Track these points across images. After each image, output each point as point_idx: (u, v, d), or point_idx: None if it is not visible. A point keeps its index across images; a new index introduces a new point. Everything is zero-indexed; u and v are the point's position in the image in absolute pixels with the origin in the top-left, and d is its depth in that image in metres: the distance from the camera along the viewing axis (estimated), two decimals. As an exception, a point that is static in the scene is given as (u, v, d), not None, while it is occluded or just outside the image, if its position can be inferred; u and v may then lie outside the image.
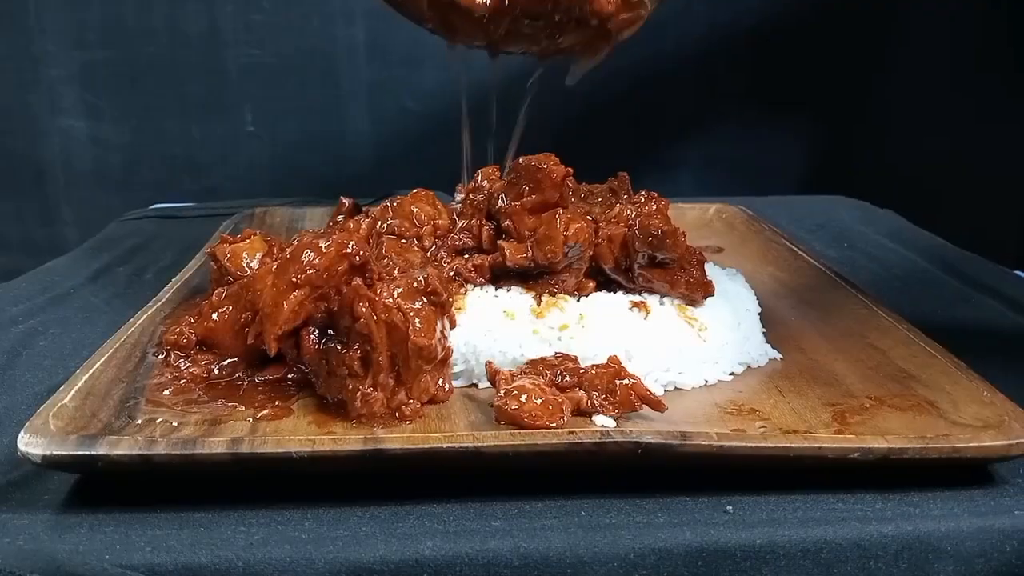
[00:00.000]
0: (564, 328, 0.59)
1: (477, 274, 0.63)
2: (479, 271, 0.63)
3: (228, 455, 0.46)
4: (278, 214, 1.00)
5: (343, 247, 0.55)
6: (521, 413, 0.51)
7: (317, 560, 0.43)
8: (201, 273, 0.75)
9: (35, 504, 0.47)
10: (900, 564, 0.45)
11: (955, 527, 0.46)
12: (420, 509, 0.47)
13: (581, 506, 0.47)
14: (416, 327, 0.53)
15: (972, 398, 0.54)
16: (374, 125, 1.33)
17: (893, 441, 0.49)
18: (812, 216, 1.07)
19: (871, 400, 0.56)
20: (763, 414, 0.55)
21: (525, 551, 0.44)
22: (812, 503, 0.48)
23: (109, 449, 0.46)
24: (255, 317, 0.58)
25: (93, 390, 0.53)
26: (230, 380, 0.58)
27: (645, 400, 0.53)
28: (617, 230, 0.62)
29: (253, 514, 0.46)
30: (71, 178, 1.30)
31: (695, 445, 0.48)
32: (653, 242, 0.61)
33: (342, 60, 1.30)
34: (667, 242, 0.61)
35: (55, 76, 1.26)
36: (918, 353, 0.61)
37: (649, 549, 0.44)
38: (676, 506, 0.47)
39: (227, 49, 1.28)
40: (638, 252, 0.61)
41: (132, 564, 0.42)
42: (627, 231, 0.62)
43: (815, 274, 0.78)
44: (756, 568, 0.44)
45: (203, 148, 1.31)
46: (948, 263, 0.91)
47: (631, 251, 0.62)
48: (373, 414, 0.53)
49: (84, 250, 0.96)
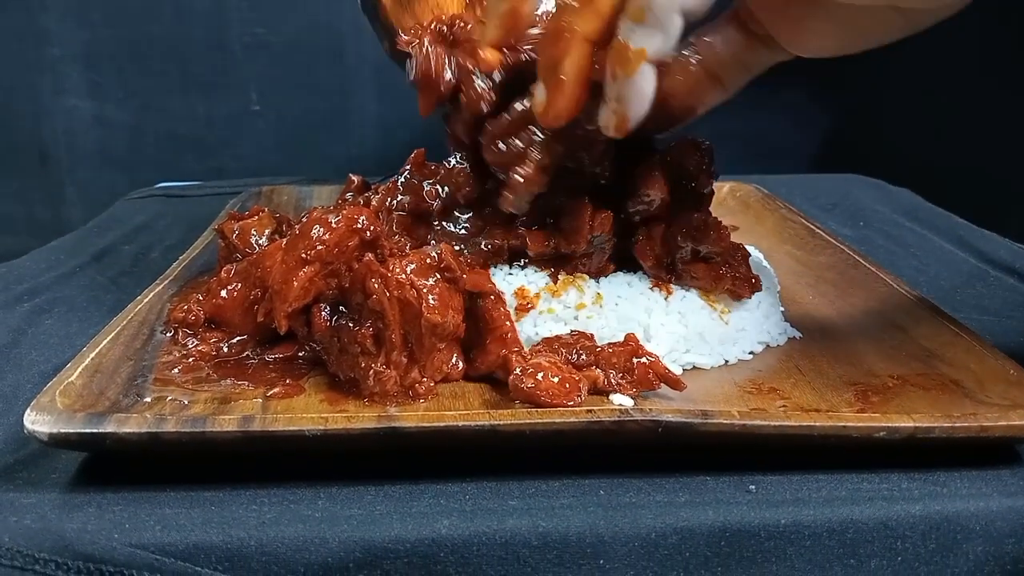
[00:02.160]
0: (581, 307, 0.58)
1: (496, 257, 0.61)
2: (497, 253, 0.60)
3: (239, 433, 0.45)
4: (285, 192, 0.99)
5: (353, 222, 0.54)
6: (538, 391, 0.50)
7: (331, 539, 0.42)
8: (208, 251, 0.74)
9: (42, 483, 0.46)
10: (928, 544, 0.44)
11: (984, 507, 0.45)
12: (435, 488, 0.46)
13: (600, 485, 0.46)
14: (430, 304, 0.52)
15: (998, 377, 0.53)
16: (380, 104, 1.32)
17: (919, 420, 0.47)
18: (827, 195, 1.06)
19: (894, 379, 0.55)
20: (783, 393, 0.53)
21: (544, 530, 0.43)
22: (837, 482, 0.47)
23: (117, 427, 0.45)
24: (264, 294, 0.57)
25: (101, 368, 0.52)
26: (239, 358, 0.57)
27: (664, 379, 0.52)
28: (657, 226, 0.60)
29: (265, 493, 0.45)
30: (75, 158, 1.29)
31: (717, 424, 0.47)
32: (699, 236, 0.59)
33: (348, 38, 1.28)
34: (710, 234, 0.59)
35: (58, 55, 1.25)
36: (941, 331, 0.59)
37: (671, 529, 0.43)
38: (697, 485, 0.46)
39: (232, 27, 1.26)
40: (681, 247, 0.59)
41: (142, 543, 0.41)
42: (667, 226, 0.60)
43: (833, 252, 0.76)
44: (780, 548, 0.43)
45: (208, 127, 1.29)
46: (965, 241, 0.89)
47: (673, 246, 0.59)
48: (386, 392, 0.52)
49: (89, 229, 0.95)
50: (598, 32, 0.49)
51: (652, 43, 0.47)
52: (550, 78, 0.50)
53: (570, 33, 0.49)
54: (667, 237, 0.60)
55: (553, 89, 0.50)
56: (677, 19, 0.47)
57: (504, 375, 0.52)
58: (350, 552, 0.42)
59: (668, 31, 0.47)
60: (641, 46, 0.47)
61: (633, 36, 0.47)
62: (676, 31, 0.47)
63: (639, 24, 0.47)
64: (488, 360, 0.54)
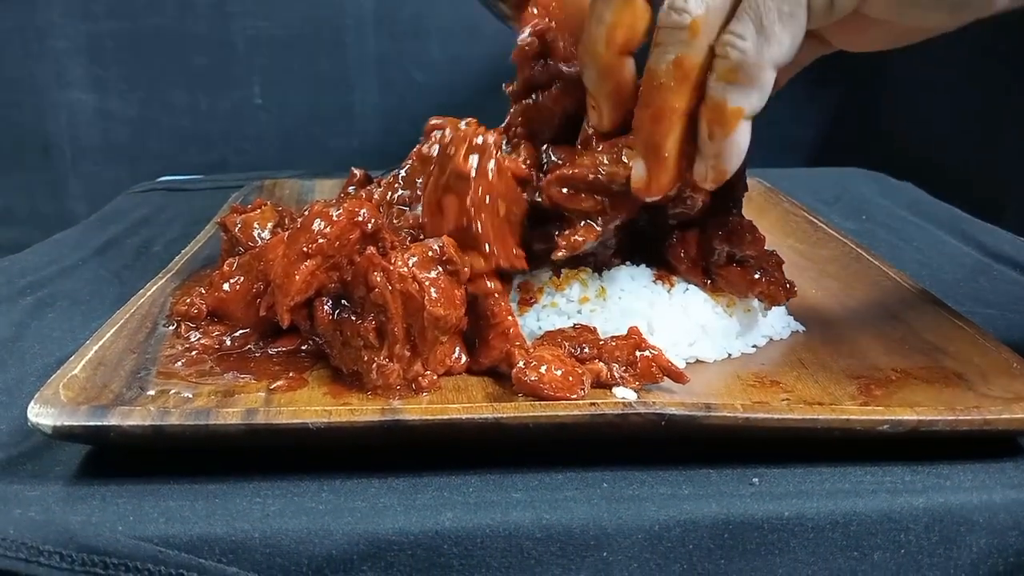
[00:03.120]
0: (584, 301, 0.58)
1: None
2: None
3: (243, 426, 0.45)
4: (287, 186, 0.99)
5: (354, 215, 0.54)
6: (541, 384, 0.50)
7: (335, 531, 0.42)
8: (211, 244, 0.74)
9: (46, 475, 0.46)
10: (931, 536, 0.44)
11: (987, 499, 0.45)
12: (439, 480, 0.46)
13: (603, 477, 0.46)
14: (432, 297, 0.52)
15: (1001, 370, 0.53)
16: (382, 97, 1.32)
17: (923, 413, 0.48)
18: (829, 188, 1.06)
19: (897, 372, 0.55)
20: (786, 386, 0.53)
21: (547, 522, 0.43)
22: (840, 475, 0.47)
23: (121, 420, 0.45)
24: (267, 288, 0.57)
25: (104, 361, 0.52)
26: (242, 351, 0.57)
27: (667, 371, 0.52)
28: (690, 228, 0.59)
29: (268, 485, 0.45)
30: (78, 151, 1.29)
31: (720, 417, 0.47)
32: (734, 239, 0.58)
33: (350, 32, 1.28)
34: (746, 237, 0.58)
35: (61, 48, 1.25)
36: (944, 325, 0.59)
37: (674, 521, 0.43)
38: (700, 478, 0.46)
39: (234, 20, 1.26)
40: (716, 250, 0.59)
41: (146, 535, 0.41)
42: (702, 229, 0.59)
43: (836, 246, 0.76)
44: (784, 540, 0.44)
45: (211, 121, 1.29)
46: (968, 235, 0.89)
47: (708, 249, 0.59)
48: (389, 385, 0.52)
49: (92, 222, 0.95)
50: (694, 104, 0.49)
51: (748, 102, 0.48)
52: (652, 156, 0.51)
53: (670, 112, 0.49)
54: (702, 240, 0.59)
55: (656, 167, 0.51)
56: (770, 74, 0.47)
57: (507, 368, 0.52)
58: (354, 544, 0.42)
59: (763, 87, 0.48)
60: (738, 105, 0.48)
61: (728, 95, 0.48)
62: (769, 86, 0.48)
63: (732, 84, 0.47)
64: (491, 355, 0.54)
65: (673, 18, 0.48)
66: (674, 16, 0.48)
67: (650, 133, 0.50)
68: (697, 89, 0.49)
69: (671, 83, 0.48)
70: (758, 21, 0.46)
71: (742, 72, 0.47)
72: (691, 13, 0.47)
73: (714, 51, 0.48)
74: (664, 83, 0.49)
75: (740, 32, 0.47)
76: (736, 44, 0.47)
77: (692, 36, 0.47)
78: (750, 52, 0.47)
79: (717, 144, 0.49)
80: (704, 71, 0.48)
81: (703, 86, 0.49)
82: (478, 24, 1.28)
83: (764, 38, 0.46)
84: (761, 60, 0.47)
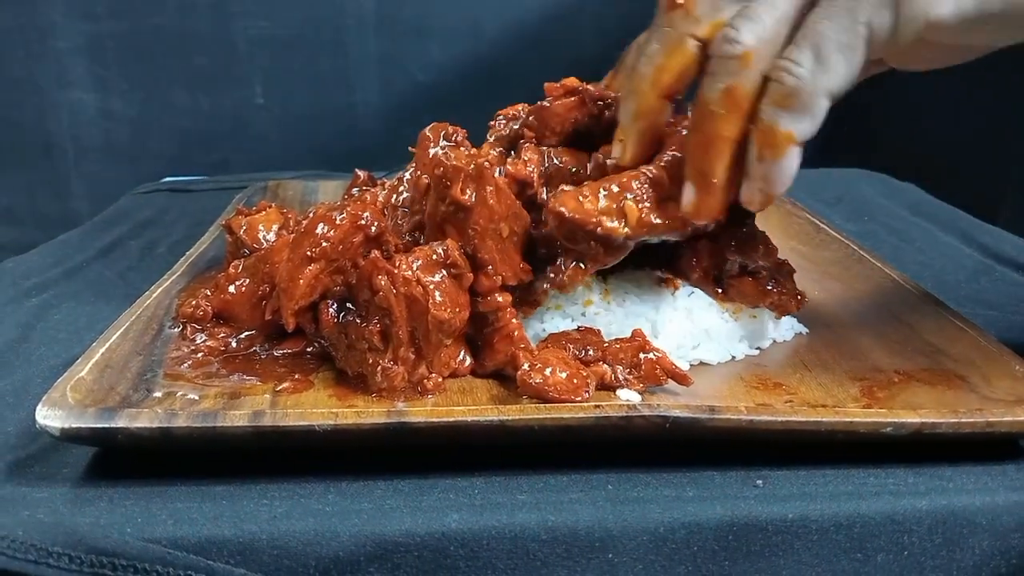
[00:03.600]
0: (588, 304, 0.58)
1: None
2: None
3: (250, 428, 0.46)
4: (291, 187, 0.99)
5: (357, 218, 0.54)
6: (546, 387, 0.50)
7: (342, 533, 0.42)
8: (215, 246, 0.74)
9: (54, 477, 0.46)
10: (935, 538, 0.44)
11: (990, 501, 0.45)
12: (445, 482, 0.46)
13: (608, 479, 0.47)
14: (436, 300, 0.52)
15: (1004, 372, 0.53)
16: (383, 97, 1.32)
17: (926, 415, 0.48)
18: (831, 189, 1.06)
19: (899, 374, 0.55)
20: (789, 388, 0.54)
21: (552, 524, 0.43)
22: (843, 477, 0.47)
23: (129, 422, 0.45)
24: (273, 290, 0.57)
25: (111, 363, 0.52)
26: (248, 353, 0.57)
27: (671, 374, 0.52)
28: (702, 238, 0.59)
29: (275, 487, 0.45)
30: (80, 151, 1.29)
31: (724, 419, 0.47)
32: (747, 249, 0.58)
33: (351, 32, 1.29)
34: (759, 248, 0.58)
35: (63, 48, 1.25)
36: (946, 327, 0.60)
37: (679, 523, 0.44)
38: (704, 480, 0.47)
39: (236, 21, 1.27)
40: (728, 261, 0.58)
41: (154, 537, 0.42)
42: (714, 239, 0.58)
43: (838, 247, 0.77)
44: (788, 542, 0.44)
45: (212, 120, 1.30)
46: (970, 236, 0.89)
47: (721, 260, 0.59)
48: (394, 388, 0.52)
49: (95, 224, 0.95)
50: (744, 131, 0.49)
51: (800, 127, 0.48)
52: (701, 182, 0.51)
53: (720, 140, 0.49)
54: (714, 251, 0.59)
55: (706, 193, 0.51)
56: (825, 103, 0.47)
57: (512, 371, 0.53)
58: (361, 546, 0.42)
59: (816, 115, 0.48)
60: (789, 130, 0.48)
61: (780, 120, 0.48)
62: (823, 114, 0.48)
63: (785, 109, 0.47)
64: (496, 358, 0.54)
65: (725, 48, 0.48)
66: (726, 47, 0.48)
67: (700, 160, 0.50)
68: (748, 116, 0.49)
69: (722, 111, 0.48)
70: (816, 49, 0.46)
71: (796, 98, 0.47)
72: (743, 44, 0.47)
73: (767, 77, 0.48)
74: (715, 111, 0.49)
75: (797, 59, 0.47)
76: (792, 70, 0.47)
77: (744, 66, 0.47)
78: (806, 79, 0.47)
79: (766, 167, 0.49)
80: (755, 99, 0.48)
81: (754, 113, 0.48)
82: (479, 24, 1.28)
83: (822, 67, 0.46)
84: (817, 88, 0.47)
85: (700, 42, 0.50)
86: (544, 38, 1.31)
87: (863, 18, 0.47)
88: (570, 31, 1.32)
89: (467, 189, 0.54)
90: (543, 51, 1.30)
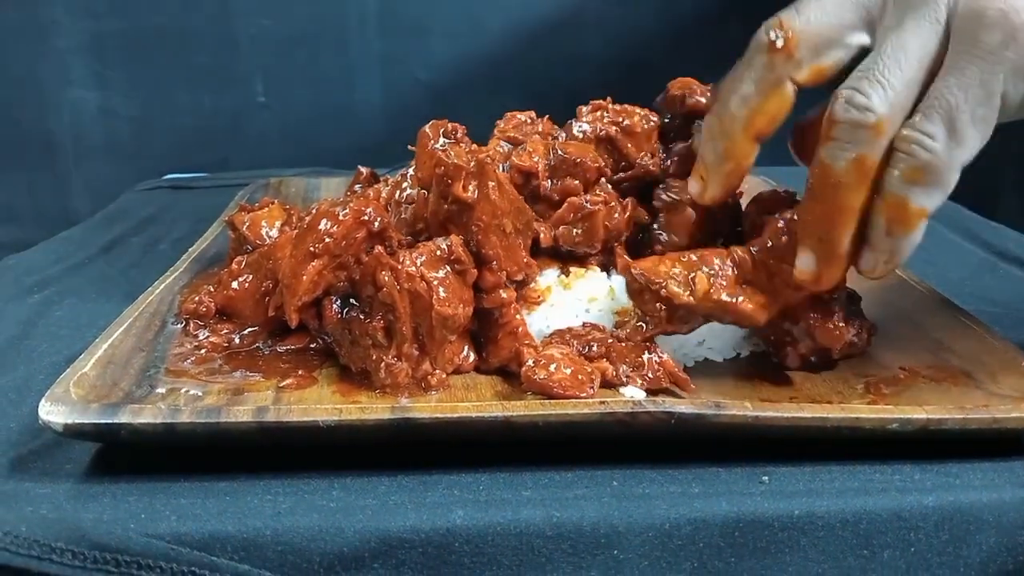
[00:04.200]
0: (593, 300, 0.58)
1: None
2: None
3: (254, 424, 0.45)
4: (293, 184, 0.99)
5: (360, 214, 0.54)
6: (550, 383, 0.50)
7: (346, 529, 0.42)
8: (218, 243, 0.74)
9: (57, 473, 0.46)
10: (941, 535, 0.44)
11: (997, 498, 0.45)
12: (449, 478, 0.46)
13: (613, 476, 0.46)
14: (440, 296, 0.52)
15: (1010, 369, 0.53)
16: (385, 96, 1.32)
17: (932, 412, 0.48)
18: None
19: (904, 371, 0.55)
20: (795, 385, 0.54)
21: (558, 521, 0.43)
22: (849, 473, 0.47)
23: (132, 418, 0.45)
24: (276, 286, 0.57)
25: (114, 359, 0.52)
26: (251, 349, 0.57)
27: (673, 378, 0.52)
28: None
29: (279, 483, 0.45)
30: (82, 149, 1.29)
31: (730, 415, 0.47)
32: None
33: (352, 30, 1.29)
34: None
35: (64, 46, 1.25)
36: (951, 323, 0.60)
37: (684, 519, 0.43)
38: (710, 476, 0.47)
39: (237, 19, 1.27)
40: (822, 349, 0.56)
41: (158, 533, 0.42)
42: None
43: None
44: (794, 539, 0.44)
45: (214, 119, 1.30)
46: (974, 233, 0.89)
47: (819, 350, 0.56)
48: (398, 384, 0.52)
49: (97, 221, 0.95)
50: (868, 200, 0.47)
51: (932, 201, 0.46)
52: (824, 251, 0.49)
53: (848, 211, 0.47)
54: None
55: (827, 262, 0.49)
56: (956, 176, 0.46)
57: (516, 367, 0.52)
58: (365, 542, 0.42)
59: (947, 188, 0.46)
60: (922, 205, 0.46)
61: (911, 194, 0.46)
62: (953, 185, 0.46)
63: (918, 184, 0.46)
64: (500, 354, 0.54)
65: (854, 115, 0.45)
66: (855, 113, 0.45)
67: (823, 229, 0.48)
68: (874, 185, 0.47)
69: (850, 181, 0.46)
70: (949, 122, 0.44)
71: (930, 174, 0.45)
72: (876, 112, 0.45)
73: (894, 147, 0.46)
74: (843, 181, 0.46)
75: (930, 132, 0.45)
76: (925, 144, 0.45)
77: (876, 136, 0.45)
78: (940, 154, 0.45)
79: (895, 241, 0.48)
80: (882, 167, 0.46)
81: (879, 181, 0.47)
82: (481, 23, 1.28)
83: (955, 141, 0.45)
84: (951, 163, 0.45)
85: (798, 86, 0.49)
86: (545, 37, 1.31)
87: (998, 88, 0.44)
88: (571, 30, 1.32)
89: (469, 186, 0.54)
90: (544, 50, 1.30)
